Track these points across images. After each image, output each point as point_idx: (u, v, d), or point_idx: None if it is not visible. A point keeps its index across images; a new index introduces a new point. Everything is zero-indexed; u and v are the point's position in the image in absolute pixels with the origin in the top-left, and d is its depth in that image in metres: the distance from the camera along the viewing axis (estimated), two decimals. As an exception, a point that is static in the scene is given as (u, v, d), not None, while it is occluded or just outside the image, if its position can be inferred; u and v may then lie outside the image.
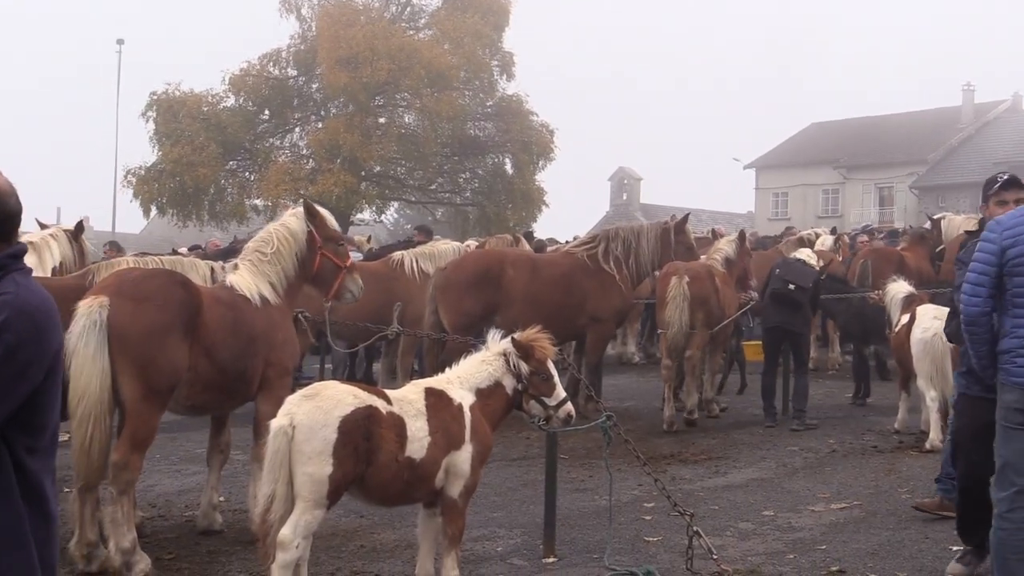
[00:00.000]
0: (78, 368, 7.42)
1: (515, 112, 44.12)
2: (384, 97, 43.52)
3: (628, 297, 14.40)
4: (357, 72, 40.12)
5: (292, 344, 8.80)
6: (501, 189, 44.43)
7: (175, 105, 41.86)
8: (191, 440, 12.71)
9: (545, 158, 44.71)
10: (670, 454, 11.93)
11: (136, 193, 42.37)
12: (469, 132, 44.82)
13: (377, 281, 14.63)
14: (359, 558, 8.16)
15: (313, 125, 44.37)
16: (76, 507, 7.72)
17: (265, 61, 44.01)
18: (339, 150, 40.58)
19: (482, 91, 45.29)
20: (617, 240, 14.16)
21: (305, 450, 6.31)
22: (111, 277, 8.29)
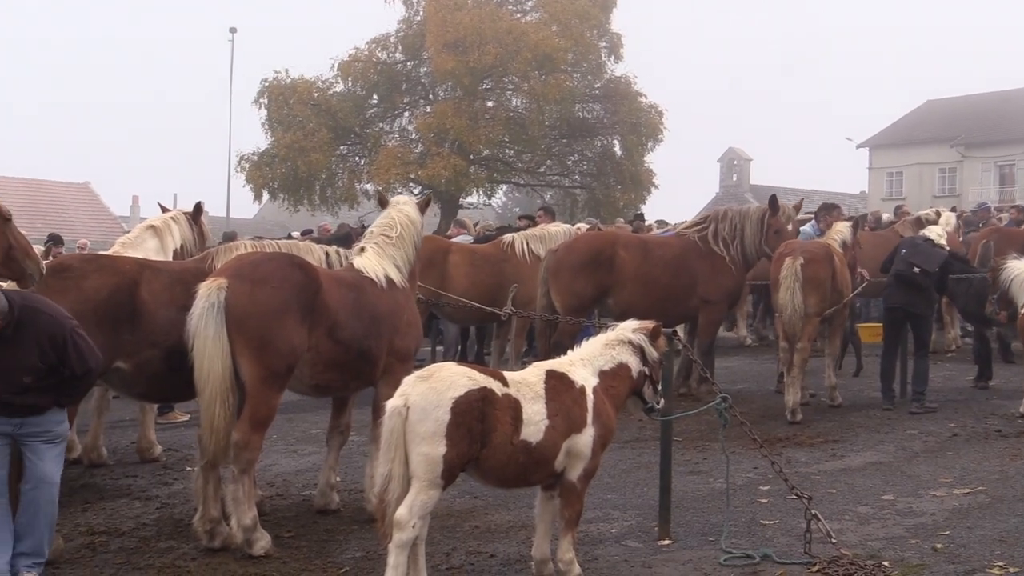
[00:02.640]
0: (200, 349, 7.60)
1: (623, 94, 43.82)
2: (492, 80, 43.57)
3: (739, 278, 14.19)
4: (464, 56, 40.22)
5: (416, 327, 8.87)
6: (610, 171, 44.20)
7: (286, 92, 42.44)
8: (307, 421, 12.92)
9: (654, 139, 44.34)
10: (785, 437, 11.75)
11: (249, 179, 43.09)
12: (577, 114, 44.63)
13: (488, 264, 14.70)
14: (474, 538, 8.19)
15: (421, 109, 44.62)
16: (200, 484, 7.90)
17: (373, 46, 44.36)
18: (447, 134, 40.77)
19: (590, 73, 45.06)
20: (725, 221, 13.99)
21: (419, 431, 6.34)
22: (231, 260, 8.46)
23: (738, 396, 13.87)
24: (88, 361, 7.04)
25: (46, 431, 7.04)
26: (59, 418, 7.14)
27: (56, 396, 7.04)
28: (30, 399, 6.93)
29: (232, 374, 7.67)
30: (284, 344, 7.74)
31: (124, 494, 9.75)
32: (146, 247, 10.82)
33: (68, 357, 6.93)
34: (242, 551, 7.70)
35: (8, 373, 6.82)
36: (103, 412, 10.95)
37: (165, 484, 10.15)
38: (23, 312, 6.86)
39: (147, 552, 7.95)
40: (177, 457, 11.25)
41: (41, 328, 6.89)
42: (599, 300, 13.54)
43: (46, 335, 6.88)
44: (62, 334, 6.93)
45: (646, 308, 10.07)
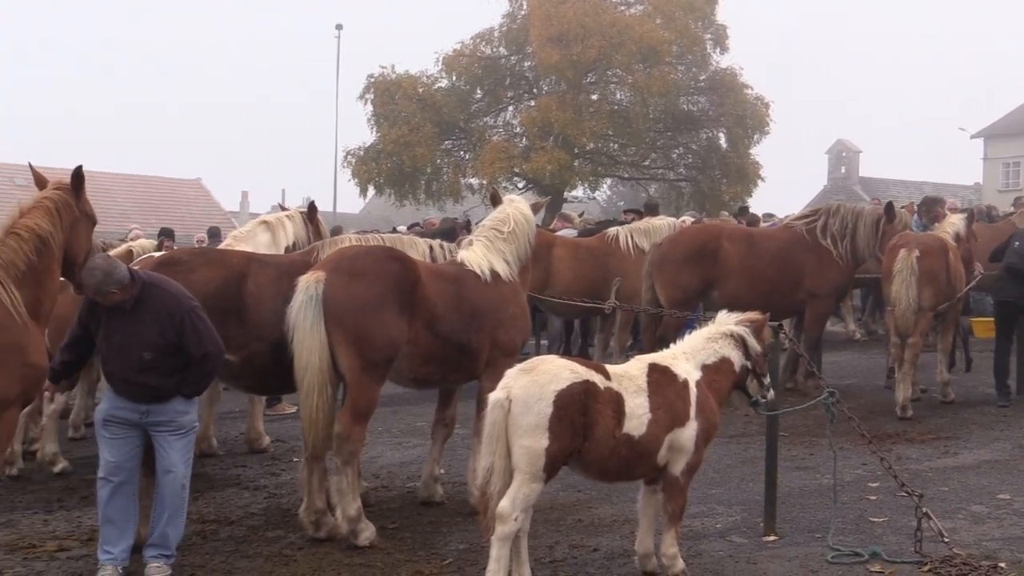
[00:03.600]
0: (299, 341, 7.71)
1: (729, 86, 43.33)
2: (596, 74, 43.43)
3: (847, 273, 13.93)
4: (568, 50, 40.14)
5: (522, 321, 8.86)
6: (715, 164, 43.75)
7: (391, 87, 42.80)
8: (412, 414, 13.01)
9: (760, 132, 43.77)
10: (895, 433, 11.52)
11: (355, 173, 43.54)
12: (682, 107, 44.26)
13: (592, 257, 14.67)
14: (577, 532, 8.17)
15: (526, 103, 44.64)
16: (305, 476, 8.01)
17: (477, 41, 44.51)
18: (551, 128, 40.73)
19: (695, 65, 44.66)
20: (837, 216, 13.75)
21: (521, 423, 6.35)
22: (331, 254, 8.56)
23: (846, 392, 13.59)
24: (205, 344, 7.10)
25: (171, 420, 7.13)
26: (184, 408, 7.21)
27: (179, 383, 7.13)
28: (152, 379, 7.02)
29: (330, 366, 7.76)
30: (381, 336, 7.79)
31: (233, 484, 9.93)
32: (257, 241, 10.99)
33: (186, 337, 7.02)
34: (347, 541, 7.79)
35: (129, 348, 6.98)
36: (214, 403, 11.16)
37: (273, 475, 10.31)
38: (144, 288, 7.00)
39: (255, 541, 8.08)
40: (284, 448, 11.42)
41: (161, 305, 7.02)
42: (704, 293, 13.43)
43: (165, 312, 7.00)
44: (180, 312, 7.02)
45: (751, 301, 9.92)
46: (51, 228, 6.73)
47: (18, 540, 8.07)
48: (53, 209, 6.78)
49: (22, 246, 6.59)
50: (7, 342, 6.35)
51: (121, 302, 6.94)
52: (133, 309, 6.97)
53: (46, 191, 6.90)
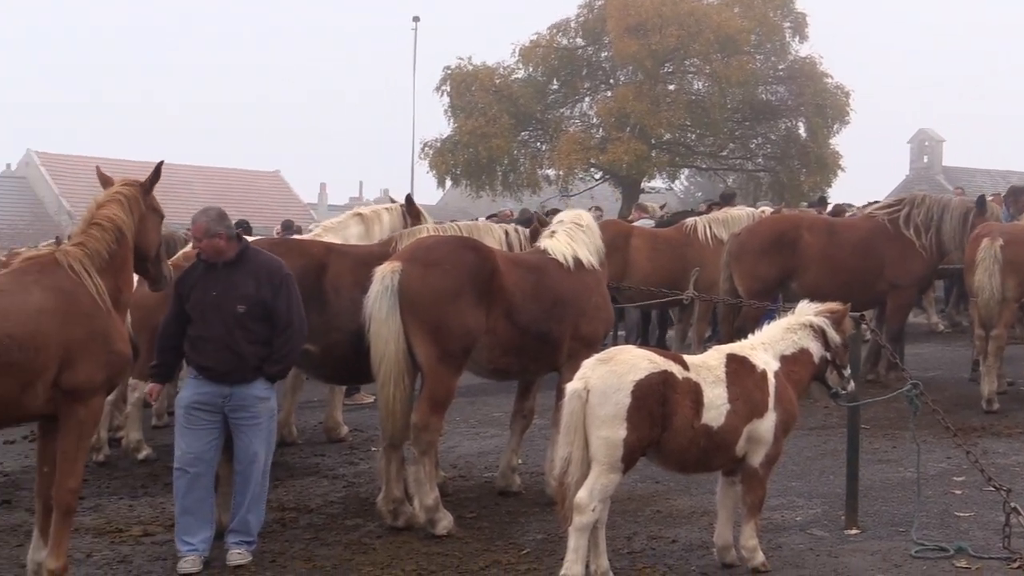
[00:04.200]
0: (375, 331, 7.76)
1: (808, 74, 42.76)
2: (673, 64, 43.11)
3: (930, 264, 13.67)
4: (646, 39, 39.90)
5: (604, 311, 8.84)
6: (794, 154, 43.21)
7: (468, 79, 42.87)
8: (489, 404, 13.04)
9: (840, 121, 43.14)
10: (981, 426, 11.29)
11: (432, 165, 43.69)
12: (760, 97, 43.78)
13: (670, 247, 14.59)
14: (655, 523, 8.14)
15: (602, 94, 44.47)
16: (383, 465, 8.06)
17: (554, 32, 44.39)
18: (628, 118, 40.53)
19: (773, 54, 44.14)
20: (922, 207, 13.47)
21: (599, 414, 6.33)
22: (408, 244, 8.60)
23: (929, 384, 13.28)
24: (294, 313, 7.37)
25: (251, 406, 7.31)
26: (265, 394, 7.39)
27: (263, 357, 7.31)
28: (240, 343, 7.22)
29: (406, 356, 7.79)
30: (458, 326, 7.81)
31: (312, 472, 10.03)
32: (348, 233, 11.04)
33: (279, 298, 7.30)
34: (425, 530, 7.83)
35: (224, 301, 7.22)
36: (297, 391, 11.27)
37: (351, 464, 10.39)
38: (246, 249, 7.41)
39: (334, 529, 8.16)
40: (363, 438, 11.51)
41: (262, 264, 7.42)
42: (783, 284, 13.28)
43: (265, 269, 7.37)
44: (280, 274, 7.39)
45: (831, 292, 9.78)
46: (126, 219, 6.86)
47: (105, 524, 8.24)
48: (125, 202, 6.92)
49: (104, 236, 6.72)
50: (93, 330, 6.46)
51: (222, 253, 7.26)
52: (232, 266, 7.30)
53: (116, 186, 7.03)
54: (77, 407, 6.45)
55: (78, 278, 6.52)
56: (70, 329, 6.37)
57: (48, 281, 6.46)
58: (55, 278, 6.49)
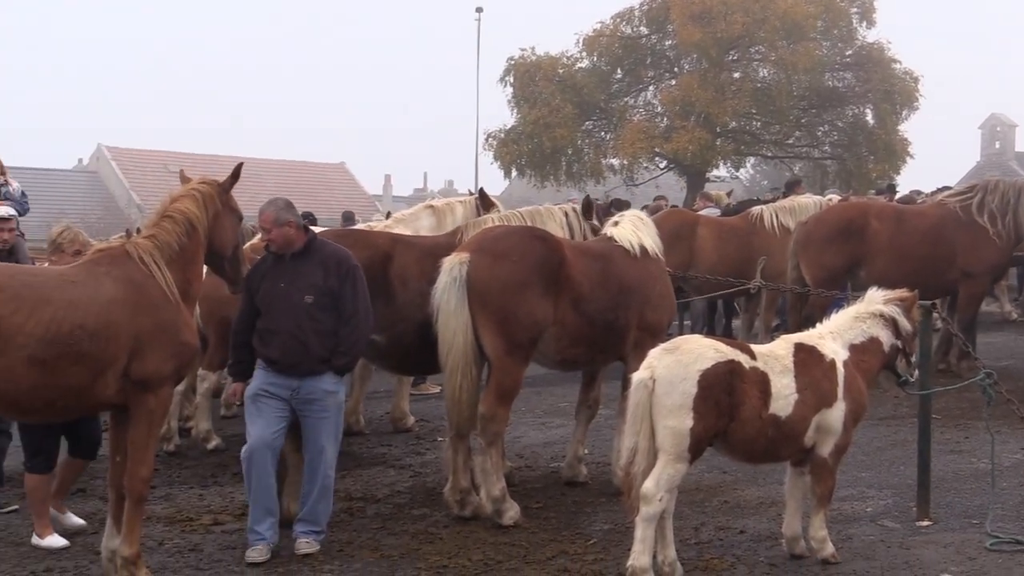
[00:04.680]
0: (443, 322, 7.78)
1: (876, 60, 42.15)
2: (738, 51, 42.72)
3: (1004, 252, 13.39)
4: (710, 27, 39.58)
5: (669, 301, 8.81)
6: (862, 141, 42.64)
7: (531, 69, 42.79)
8: (555, 394, 13.03)
9: (909, 107, 42.50)
10: (1056, 417, 11.06)
11: (496, 155, 43.70)
12: (827, 83, 43.23)
13: (736, 236, 14.47)
14: (723, 514, 8.09)
15: (666, 83, 44.19)
16: (450, 455, 8.09)
17: (618, 20, 44.15)
18: (693, 107, 40.25)
19: (840, 40, 43.55)
20: (996, 193, 13.18)
21: (665, 403, 6.31)
22: (476, 234, 8.60)
23: (1002, 373, 13.08)
24: (360, 303, 7.36)
25: (320, 399, 7.32)
26: (333, 387, 7.39)
27: (332, 349, 7.30)
28: (309, 334, 7.23)
29: (474, 347, 7.80)
30: (526, 317, 7.80)
31: (379, 462, 10.09)
32: (419, 224, 11.07)
33: (346, 289, 7.31)
34: (492, 520, 7.84)
35: (292, 292, 7.25)
36: (365, 381, 11.33)
37: (418, 454, 10.43)
38: (314, 241, 7.44)
39: (401, 518, 8.20)
40: (429, 428, 11.55)
41: (330, 254, 7.43)
42: (851, 272, 13.10)
43: (334, 259, 7.38)
44: (348, 264, 7.40)
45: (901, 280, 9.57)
46: (199, 213, 6.91)
47: (176, 513, 8.35)
48: (200, 199, 6.96)
49: (175, 228, 6.79)
50: (162, 321, 6.54)
51: (291, 242, 7.29)
52: (300, 257, 7.33)
53: (193, 183, 7.09)
54: (146, 397, 6.53)
55: (147, 270, 6.60)
56: (140, 320, 6.46)
57: (118, 272, 6.55)
58: (125, 269, 6.58)
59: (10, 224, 8.95)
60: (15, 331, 6.02)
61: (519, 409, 11.39)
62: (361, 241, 8.68)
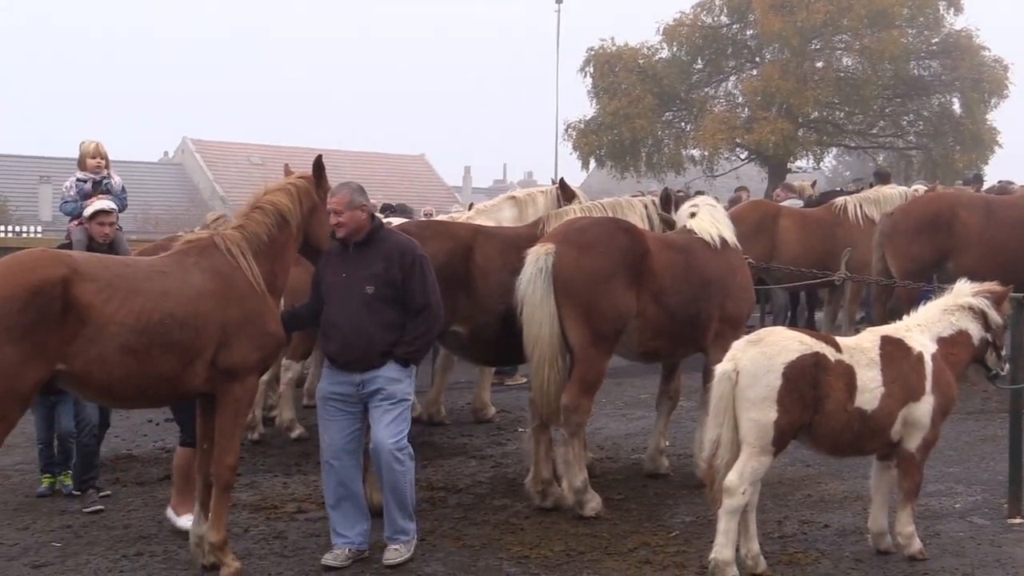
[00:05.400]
0: (529, 313, 7.77)
1: (964, 48, 41.31)
2: (821, 40, 42.15)
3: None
4: (792, 16, 39.08)
5: (749, 291, 8.75)
6: (948, 131, 41.85)
7: (611, 59, 42.61)
8: (635, 386, 13.01)
9: (998, 96, 41.62)
10: None
11: (575, 146, 43.60)
12: (912, 72, 42.46)
13: (820, 228, 14.30)
14: (806, 507, 8.01)
15: (747, 72, 43.77)
16: (532, 446, 8.11)
17: (698, 10, 43.78)
18: (774, 97, 39.81)
19: (927, 28, 42.72)
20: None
21: (749, 396, 6.27)
22: (560, 225, 8.59)
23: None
24: (429, 294, 6.99)
25: (382, 388, 6.96)
26: (396, 376, 6.98)
27: (394, 341, 6.94)
28: (370, 325, 6.90)
29: (560, 338, 7.80)
30: (611, 309, 7.78)
31: (460, 452, 10.13)
32: (500, 216, 11.09)
33: (412, 279, 6.94)
34: (573, 511, 7.84)
35: (353, 282, 6.94)
36: (447, 371, 11.38)
37: (499, 444, 10.47)
38: (381, 230, 7.12)
39: (483, 508, 8.23)
40: (510, 419, 11.58)
41: (394, 245, 7.06)
42: (938, 264, 12.88)
43: (398, 250, 7.00)
44: (413, 254, 7.02)
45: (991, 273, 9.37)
46: (291, 206, 6.96)
47: (261, 501, 8.46)
48: (294, 192, 7.01)
49: (265, 219, 6.86)
50: (248, 311, 6.62)
51: (361, 227, 6.97)
52: (363, 247, 7.00)
53: (291, 177, 7.16)
54: (233, 386, 6.63)
55: (235, 261, 6.69)
56: (227, 310, 6.55)
57: (207, 263, 6.65)
58: (213, 260, 6.67)
59: (111, 218, 8.84)
60: (108, 320, 6.14)
61: (599, 400, 11.32)
62: (443, 232, 8.70)
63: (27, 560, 7.25)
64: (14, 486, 9.28)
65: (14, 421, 6.15)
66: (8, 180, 53.38)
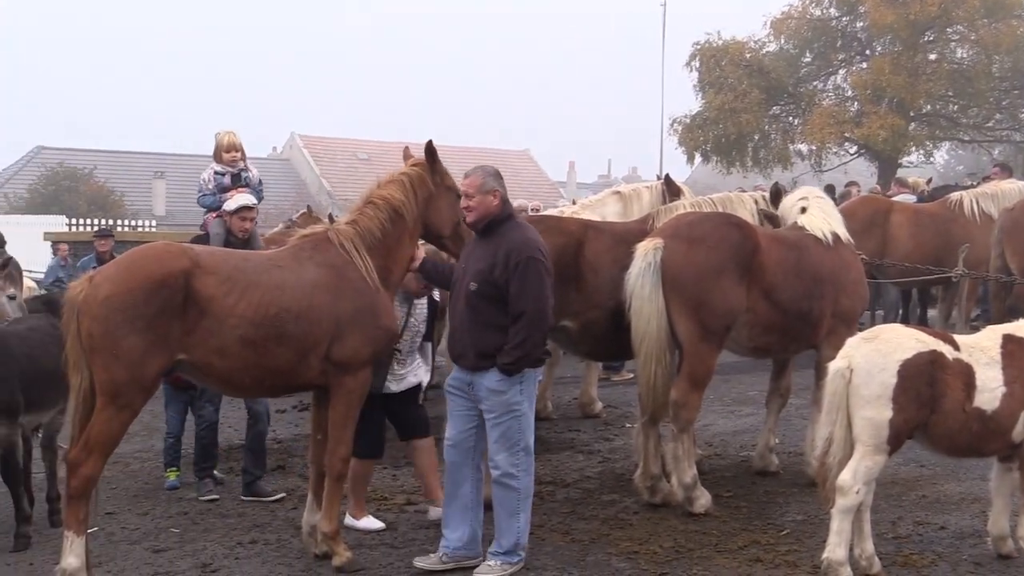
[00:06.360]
0: (637, 308, 7.75)
1: (1085, 38, 40.16)
2: (934, 32, 41.27)
3: None
4: (904, 8, 38.30)
5: (862, 288, 8.62)
6: (1069, 124, 40.77)
7: (717, 54, 42.23)
8: (743, 383, 12.89)
9: (1123, 86, 40.34)
10: None
11: (681, 141, 43.34)
12: (1031, 63, 41.44)
13: (934, 223, 14.00)
14: (921, 508, 7.86)
15: (857, 66, 43.04)
16: (640, 441, 8.08)
17: (807, 3, 43.15)
18: (884, 91, 39.08)
19: (1047, 17, 41.66)
20: None
21: (863, 393, 6.17)
22: (670, 220, 8.56)
23: None
24: (525, 300, 6.51)
25: (485, 398, 6.66)
26: (498, 387, 6.59)
27: (495, 344, 6.56)
28: (475, 326, 6.65)
29: (668, 333, 7.76)
30: (720, 304, 7.73)
31: (568, 447, 10.14)
32: (605, 211, 11.08)
33: (512, 283, 6.52)
34: (682, 508, 7.81)
35: (465, 277, 6.77)
36: (553, 367, 11.38)
37: (606, 439, 10.45)
38: (507, 222, 6.73)
39: (591, 503, 8.23)
40: (617, 414, 11.56)
41: (508, 242, 6.61)
42: (1063, 262, 12.51)
43: (506, 249, 6.58)
44: (521, 256, 6.54)
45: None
46: (404, 199, 7.00)
47: (370, 492, 8.54)
48: (407, 183, 7.05)
49: (377, 214, 6.93)
50: (361, 305, 6.71)
51: (491, 213, 6.70)
52: (489, 237, 6.71)
53: (403, 167, 7.21)
54: (345, 379, 6.73)
55: (348, 256, 6.78)
56: (340, 304, 6.65)
57: (321, 258, 6.76)
58: (327, 255, 6.78)
59: (252, 213, 8.71)
60: (227, 313, 6.29)
61: (707, 397, 11.19)
62: (554, 227, 8.70)
63: (147, 545, 7.47)
64: (133, 473, 9.58)
65: (137, 409, 6.34)
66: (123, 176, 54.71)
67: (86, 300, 6.16)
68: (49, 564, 6.82)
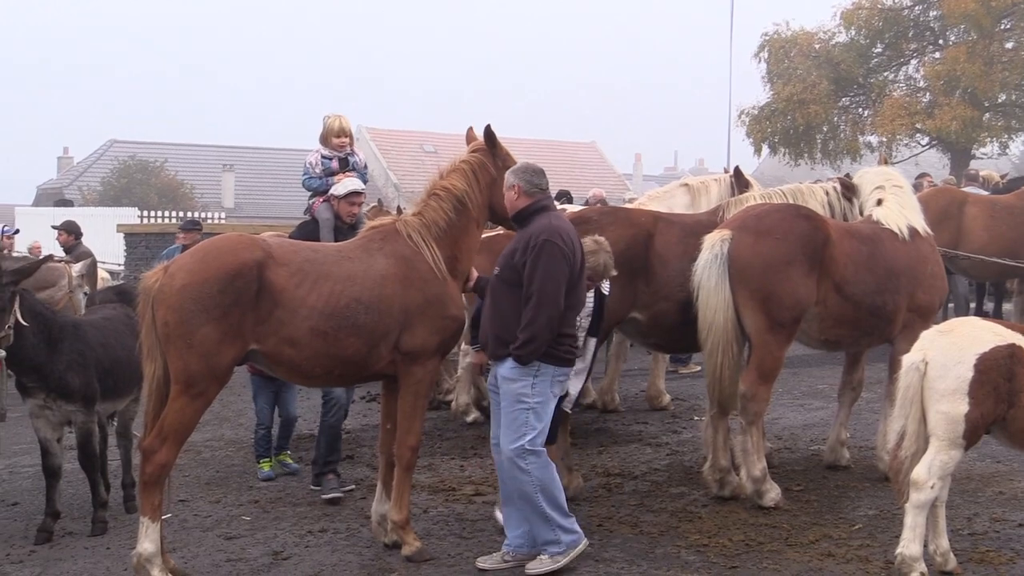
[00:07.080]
0: (704, 300, 7.72)
1: None
2: (1012, 19, 40.48)
3: None
4: (983, -5, 37.65)
5: (940, 280, 8.47)
6: None
7: (786, 44, 41.82)
8: (813, 376, 12.78)
9: None
10: None
11: (748, 132, 42.96)
12: (1114, 52, 40.46)
13: (1011, 215, 13.75)
14: (998, 505, 7.73)
15: (930, 55, 42.36)
16: (709, 434, 8.03)
17: (879, -8, 42.67)
18: (958, 81, 38.40)
19: None
20: None
21: (938, 387, 6.08)
22: (738, 212, 8.50)
23: None
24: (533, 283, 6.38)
25: (499, 385, 6.64)
26: (509, 374, 6.53)
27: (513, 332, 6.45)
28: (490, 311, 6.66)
29: (735, 325, 7.71)
30: (788, 296, 7.65)
31: (635, 439, 10.11)
32: (673, 202, 11.03)
33: (527, 264, 6.42)
34: (752, 501, 7.75)
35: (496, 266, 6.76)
36: (621, 359, 11.36)
37: (674, 432, 10.41)
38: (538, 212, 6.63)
39: (659, 496, 8.19)
40: (685, 407, 11.50)
41: (532, 229, 6.53)
42: None
43: (527, 236, 6.52)
44: (538, 239, 6.43)
45: None
46: (467, 188, 7.02)
47: (439, 483, 8.61)
48: (469, 171, 7.08)
49: (441, 205, 6.97)
50: (429, 295, 6.74)
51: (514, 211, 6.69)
52: (520, 232, 6.67)
53: (464, 155, 7.22)
54: (414, 368, 6.76)
55: (416, 247, 6.82)
56: (409, 294, 6.69)
57: (389, 249, 6.81)
58: (396, 246, 6.83)
59: (361, 198, 8.64)
60: (299, 304, 6.35)
61: (776, 390, 11.16)
62: (623, 219, 8.66)
63: (220, 532, 7.57)
64: (205, 460, 9.70)
65: (211, 398, 6.42)
66: (193, 168, 55.48)
67: (162, 290, 6.25)
68: (125, 548, 6.94)
